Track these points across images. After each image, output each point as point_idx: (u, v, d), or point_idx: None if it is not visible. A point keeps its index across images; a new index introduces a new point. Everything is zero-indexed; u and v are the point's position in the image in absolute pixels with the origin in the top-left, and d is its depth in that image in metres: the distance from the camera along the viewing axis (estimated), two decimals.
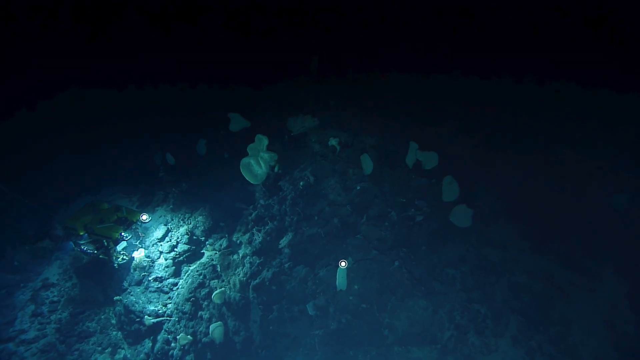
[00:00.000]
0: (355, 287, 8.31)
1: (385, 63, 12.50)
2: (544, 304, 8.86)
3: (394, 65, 12.41)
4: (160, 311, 9.10)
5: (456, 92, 11.48)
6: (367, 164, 9.14)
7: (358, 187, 9.05)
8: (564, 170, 10.57)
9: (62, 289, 10.19)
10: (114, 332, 9.63)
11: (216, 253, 9.66)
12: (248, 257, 9.23)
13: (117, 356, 9.30)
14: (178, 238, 9.87)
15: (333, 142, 9.23)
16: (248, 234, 9.57)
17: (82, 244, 9.15)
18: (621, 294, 8.78)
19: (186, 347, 8.67)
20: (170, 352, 8.76)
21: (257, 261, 9.06)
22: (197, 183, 11.00)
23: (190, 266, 9.62)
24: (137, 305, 9.23)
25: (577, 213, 9.97)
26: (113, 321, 9.76)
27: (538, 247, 9.78)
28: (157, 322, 8.98)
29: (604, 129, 10.61)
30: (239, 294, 8.80)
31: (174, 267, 9.57)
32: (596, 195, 10.17)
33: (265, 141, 9.10)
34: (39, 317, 9.69)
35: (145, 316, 9.01)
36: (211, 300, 8.85)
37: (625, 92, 10.40)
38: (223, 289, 8.87)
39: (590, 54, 10.70)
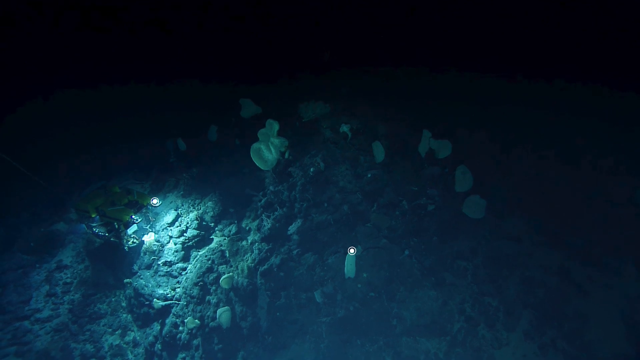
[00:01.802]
0: (364, 275, 8.20)
1: (400, 58, 12.27)
2: (559, 299, 8.60)
3: (409, 60, 12.17)
4: (169, 295, 9.17)
5: (471, 88, 11.20)
6: (379, 152, 8.99)
7: (369, 175, 8.91)
8: (583, 165, 10.23)
9: (75, 271, 10.35)
10: (124, 315, 9.76)
11: (225, 239, 9.67)
12: (257, 243, 9.20)
13: (126, 338, 9.43)
14: (188, 223, 9.91)
15: (345, 128, 9.09)
16: (257, 220, 9.54)
17: (94, 226, 9.28)
18: None
19: (194, 331, 8.72)
20: (178, 336, 8.82)
21: (266, 247, 9.03)
22: (208, 169, 11.01)
23: (199, 251, 9.64)
24: (146, 289, 9.31)
25: (595, 208, 9.65)
26: (123, 304, 9.89)
27: (554, 242, 9.49)
28: (165, 305, 9.05)
29: (625, 127, 10.21)
30: (246, 280, 8.79)
31: (183, 252, 9.61)
32: (616, 190, 9.81)
33: (276, 126, 9.01)
34: (53, 298, 9.89)
35: (154, 299, 9.09)
36: (219, 285, 8.87)
37: None
38: (231, 274, 8.87)
39: (609, 52, 10.31)
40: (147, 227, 9.97)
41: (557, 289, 8.74)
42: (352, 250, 7.74)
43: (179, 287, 9.25)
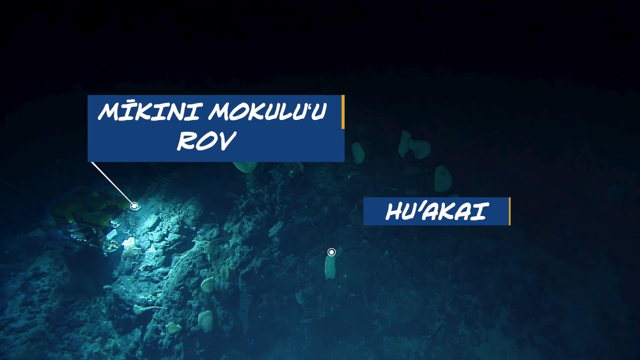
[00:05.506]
0: (344, 276, 8.23)
1: (382, 59, 12.36)
2: (536, 295, 8.79)
3: (391, 61, 12.26)
4: (149, 300, 9.05)
5: (451, 88, 11.34)
6: (359, 153, 9.04)
7: (349, 176, 8.96)
8: (559, 163, 10.45)
9: (53, 278, 10.12)
10: (104, 322, 9.59)
11: (207, 242, 9.59)
12: (238, 246, 9.16)
13: (107, 345, 9.28)
14: (169, 227, 9.80)
15: None
16: (238, 223, 9.49)
17: (72, 233, 9.09)
18: (614, 283, 8.67)
19: (175, 336, 8.63)
20: (159, 341, 8.72)
21: (247, 250, 8.99)
22: (189, 172, 10.90)
23: (180, 255, 9.55)
24: (127, 295, 9.18)
25: (571, 204, 9.86)
26: (103, 310, 9.72)
27: (532, 238, 9.67)
28: (146, 310, 8.93)
29: (599, 124, 10.47)
30: (228, 283, 8.73)
31: (164, 257, 9.50)
32: (591, 187, 10.04)
33: None
34: (29, 306, 9.63)
35: (135, 305, 8.97)
36: (200, 289, 8.80)
37: (617, 88, 10.30)
38: (212, 277, 8.81)
39: (584, 51, 10.57)
40: (127, 232, 9.83)
41: (535, 284, 8.92)
42: (331, 252, 7.77)
43: (160, 292, 9.14)
